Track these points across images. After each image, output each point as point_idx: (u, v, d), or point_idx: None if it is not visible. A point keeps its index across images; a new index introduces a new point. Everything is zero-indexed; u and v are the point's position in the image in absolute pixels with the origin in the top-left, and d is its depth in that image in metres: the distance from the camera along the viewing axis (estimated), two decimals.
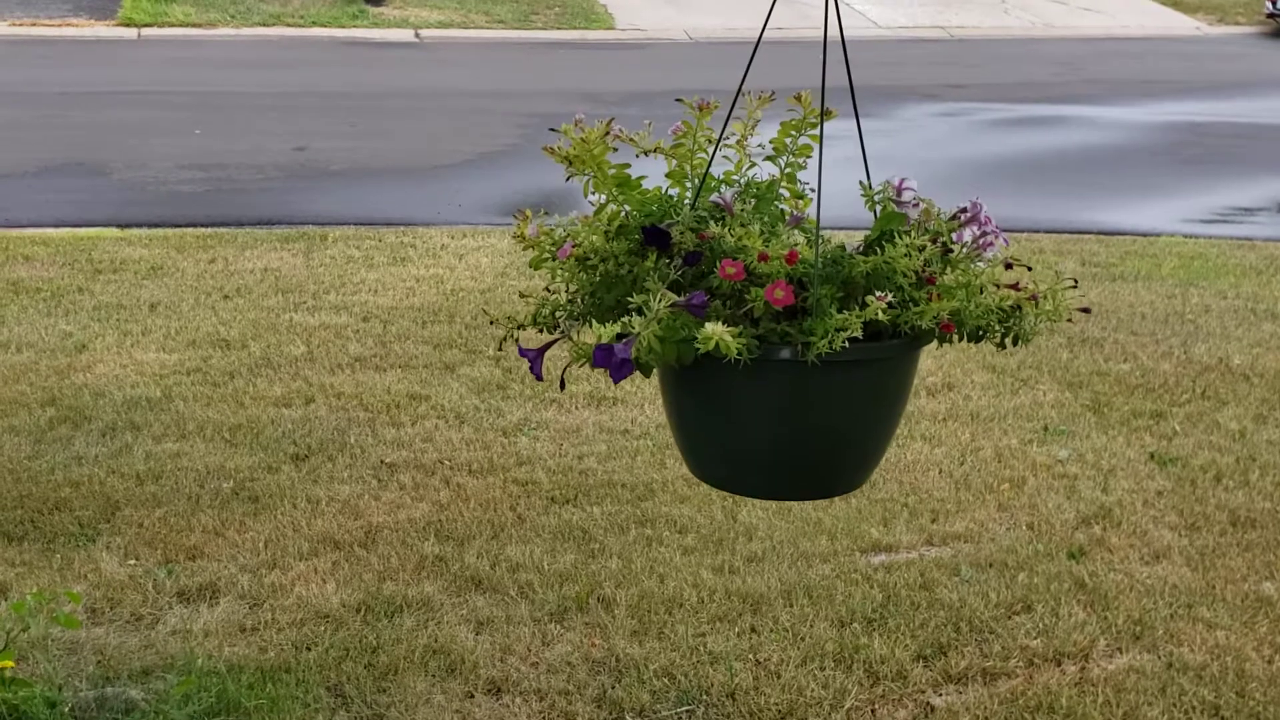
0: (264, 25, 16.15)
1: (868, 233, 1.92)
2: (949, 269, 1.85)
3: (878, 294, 1.71)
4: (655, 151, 1.96)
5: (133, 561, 3.97)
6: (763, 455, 1.81)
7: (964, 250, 1.88)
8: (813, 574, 4.01)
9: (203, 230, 8.13)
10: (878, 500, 4.58)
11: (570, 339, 1.78)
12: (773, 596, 3.86)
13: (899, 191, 1.91)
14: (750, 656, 3.57)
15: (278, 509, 4.32)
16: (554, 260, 1.87)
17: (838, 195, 2.00)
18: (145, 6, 16.13)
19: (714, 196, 1.88)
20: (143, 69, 14.11)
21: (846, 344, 1.68)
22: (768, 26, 2.09)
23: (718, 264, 1.72)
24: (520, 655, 3.56)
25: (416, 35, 16.26)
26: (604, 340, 1.65)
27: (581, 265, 1.84)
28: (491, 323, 2.03)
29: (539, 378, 1.85)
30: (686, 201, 1.87)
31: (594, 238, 1.82)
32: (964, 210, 1.91)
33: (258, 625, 3.64)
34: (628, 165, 1.91)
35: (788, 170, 2.02)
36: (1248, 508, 4.54)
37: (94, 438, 4.86)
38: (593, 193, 1.90)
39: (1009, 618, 3.82)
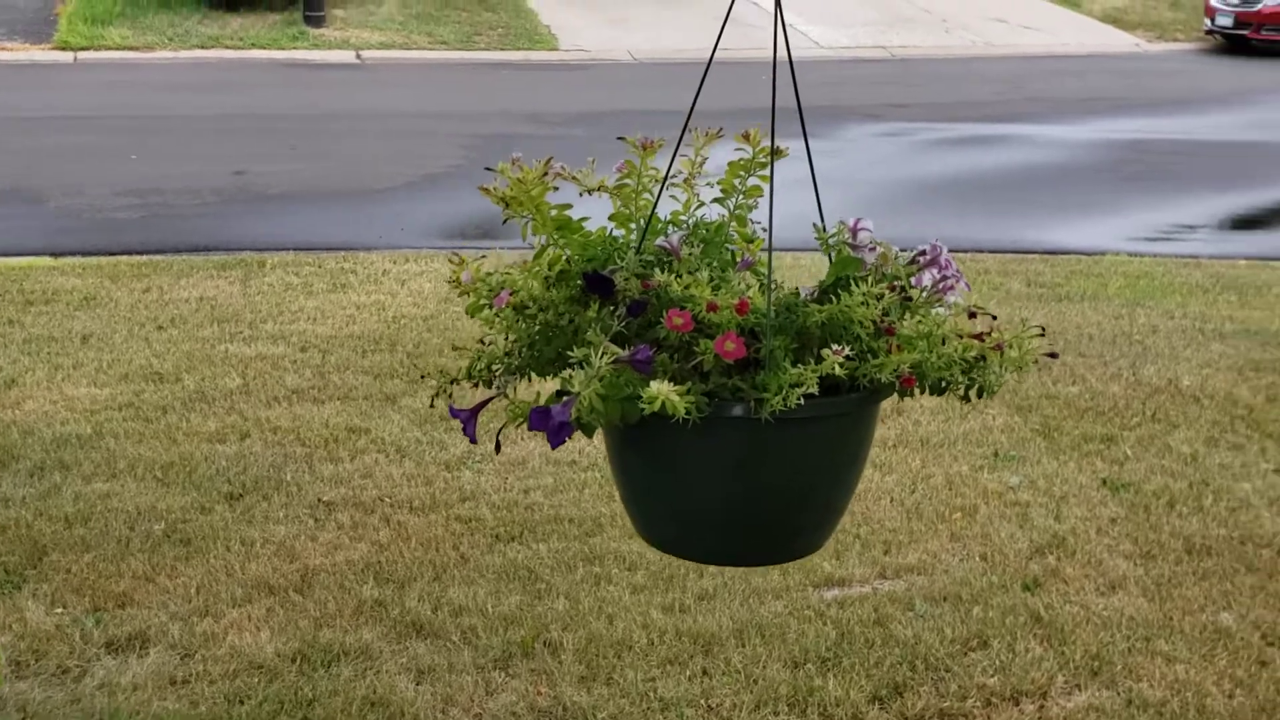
0: (202, 48, 15.95)
1: (822, 279, 1.82)
2: (909, 315, 1.76)
3: (834, 347, 1.61)
4: (599, 190, 1.86)
5: (60, 610, 3.81)
6: (714, 517, 1.71)
7: (923, 295, 1.79)
8: (765, 611, 3.91)
9: (138, 258, 7.95)
10: None
11: (506, 396, 1.68)
12: (724, 636, 3.76)
13: (854, 233, 1.82)
14: (702, 702, 3.46)
15: (210, 552, 4.17)
16: (492, 308, 1.77)
17: (788, 219, 1.90)
18: (81, 29, 15.89)
19: (660, 240, 1.77)
20: (79, 93, 13.87)
21: (802, 400, 1.58)
22: (701, 47, 1.99)
23: (664, 314, 1.62)
24: (463, 706, 3.44)
25: (358, 56, 16.11)
26: (541, 402, 1.54)
27: (519, 314, 1.73)
28: (422, 377, 1.92)
29: (473, 440, 1.74)
30: (632, 245, 1.77)
31: (533, 284, 1.72)
32: (923, 253, 1.82)
33: (189, 677, 3.49)
34: (569, 206, 1.81)
35: (737, 212, 1.92)
36: (1202, 535, 4.49)
37: (21, 478, 4.69)
38: (532, 235, 1.80)
39: (965, 654, 3.74)
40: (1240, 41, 18.54)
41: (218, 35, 16.38)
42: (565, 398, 1.54)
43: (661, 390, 1.49)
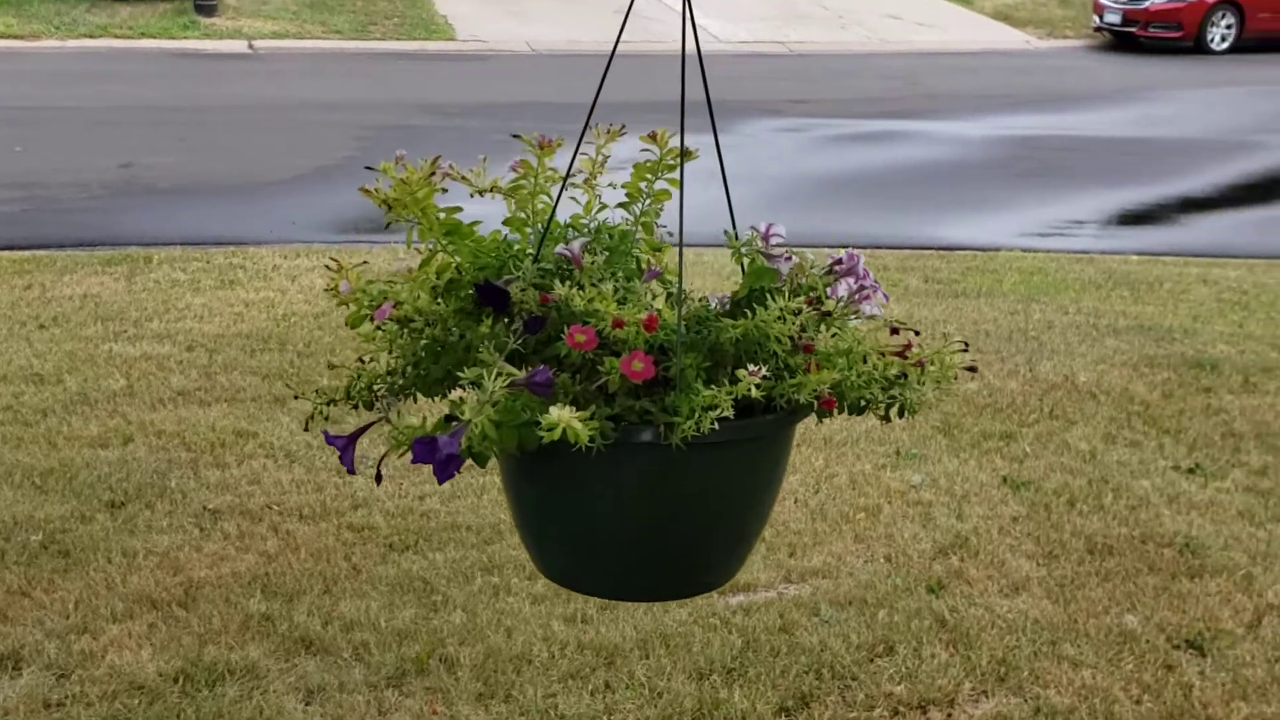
0: (90, 36, 15.51)
1: (735, 289, 1.72)
2: (825, 328, 1.66)
3: (750, 367, 1.51)
4: (492, 191, 1.74)
5: None
6: (619, 550, 1.60)
7: (840, 306, 1.70)
8: (669, 620, 3.82)
9: (20, 253, 7.66)
10: None
11: (389, 421, 1.56)
12: (628, 648, 3.66)
13: (766, 239, 1.72)
14: (605, 718, 3.36)
15: (90, 564, 3.98)
16: (373, 321, 1.65)
17: (693, 213, 1.80)
18: None
19: (560, 247, 1.66)
20: None
21: (716, 425, 1.48)
22: (613, 41, 1.88)
23: (565, 330, 1.51)
24: None
25: (250, 46, 15.77)
26: (428, 428, 1.43)
27: (404, 328, 1.61)
28: (296, 397, 1.79)
29: (350, 470, 1.62)
30: (530, 253, 1.66)
31: (419, 295, 1.60)
32: (839, 262, 1.74)
33: (64, 699, 3.31)
34: (459, 208, 1.69)
35: (643, 219, 1.82)
36: (1104, 534, 4.48)
37: None
38: (416, 241, 1.68)
39: (871, 660, 3.68)
40: (1128, 39, 18.88)
41: (106, 24, 15.94)
42: (455, 425, 1.42)
43: (562, 417, 1.39)
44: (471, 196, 1.74)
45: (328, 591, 3.92)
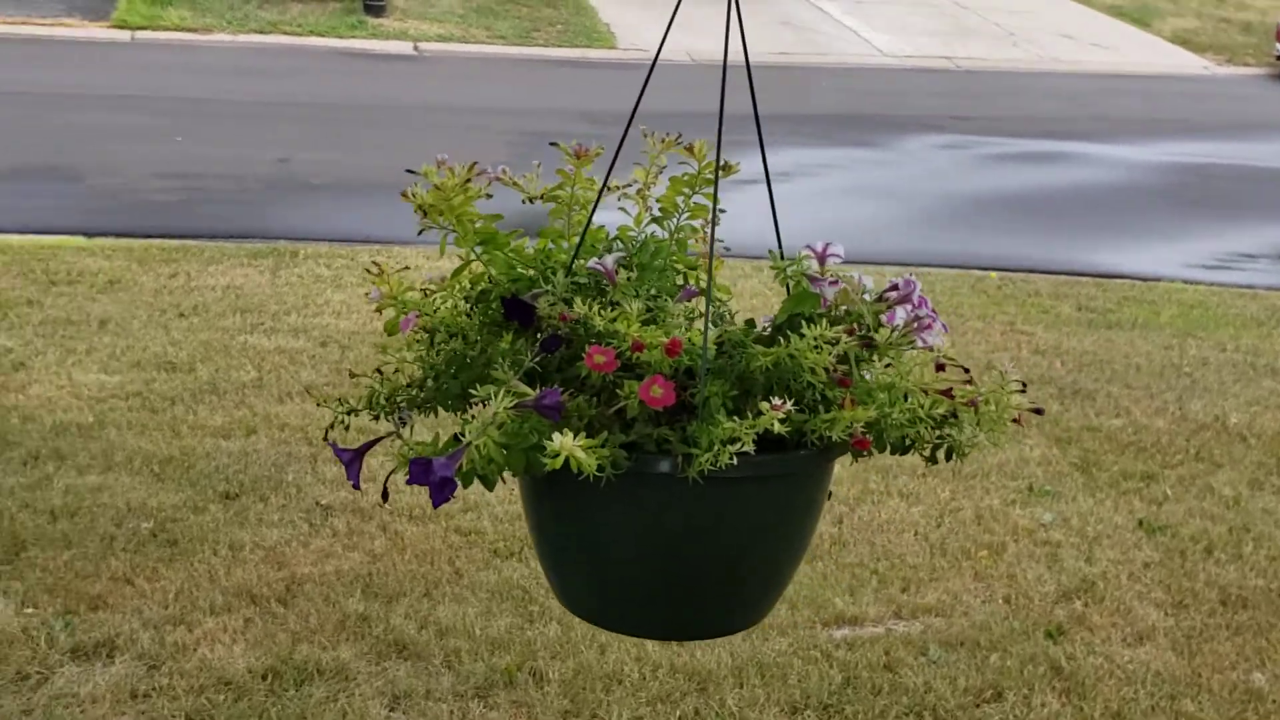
0: (260, 32, 15.88)
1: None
2: (876, 357, 1.53)
3: (775, 401, 1.39)
4: (544, 199, 1.65)
5: (30, 610, 3.66)
6: (636, 586, 1.50)
7: (893, 336, 1.57)
8: (768, 649, 3.70)
9: (169, 242, 7.83)
10: (846, 565, 4.27)
11: (399, 436, 1.48)
12: (722, 675, 3.55)
13: (821, 259, 1.61)
14: None
15: (196, 555, 4.01)
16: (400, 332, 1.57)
17: (797, 228, 1.68)
18: (140, 9, 15.87)
19: (593, 261, 1.57)
20: (132, 73, 13.83)
21: (734, 459, 1.36)
22: (760, 51, 1.78)
23: (585, 350, 1.41)
24: None
25: (415, 48, 16.00)
26: (437, 451, 1.34)
27: (431, 339, 1.54)
28: (318, 405, 1.73)
29: (356, 485, 1.55)
30: (565, 265, 1.57)
31: (447, 306, 1.52)
32: (894, 288, 1.61)
33: (151, 691, 3.32)
34: (498, 217, 1.61)
35: (678, 235, 1.71)
36: (1239, 585, 4.23)
37: (13, 467, 4.55)
38: (453, 247, 1.60)
39: (977, 706, 3.51)
40: None
41: (276, 21, 16.31)
42: (457, 446, 1.34)
43: (565, 444, 1.29)
44: (523, 204, 1.65)
45: (427, 595, 3.88)
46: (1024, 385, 1.67)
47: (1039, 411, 1.69)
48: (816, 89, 15.10)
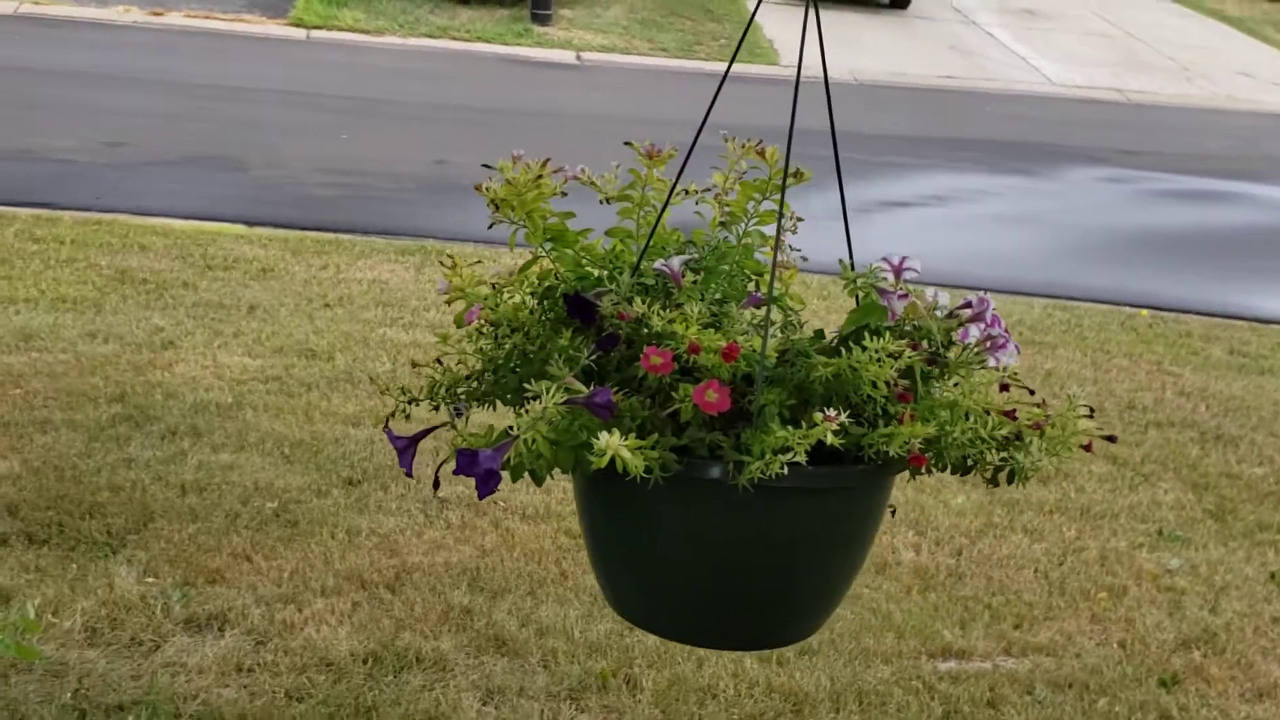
0: (430, 36, 16.21)
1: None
2: (945, 375, 1.50)
3: (828, 412, 1.37)
4: (616, 199, 1.66)
5: (150, 579, 3.79)
6: (683, 591, 1.49)
7: (964, 354, 1.53)
8: (870, 676, 3.65)
9: (323, 235, 8.04)
10: (959, 597, 4.19)
11: (454, 427, 1.50)
12: (819, 698, 3.51)
13: (897, 273, 1.58)
14: None
15: (313, 537, 4.11)
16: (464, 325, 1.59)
17: (946, 256, 1.65)
18: (317, 8, 16.33)
19: (659, 263, 1.57)
20: (305, 70, 14.23)
21: (785, 469, 1.35)
22: (941, 74, 1.77)
23: (643, 351, 1.41)
24: None
25: (578, 57, 16.18)
26: (490, 443, 1.36)
27: (494, 332, 1.55)
28: (382, 392, 1.76)
29: (408, 473, 1.57)
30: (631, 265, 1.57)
31: (513, 300, 1.54)
32: (967, 304, 1.58)
33: (255, 666, 3.41)
34: (570, 214, 1.62)
35: (745, 241, 1.70)
36: None
37: (151, 440, 4.72)
38: (522, 244, 1.62)
39: None
40: None
41: (446, 25, 16.64)
42: (505, 439, 1.35)
43: (611, 443, 1.29)
44: (601, 203, 1.66)
45: (531, 593, 3.92)
46: (1091, 410, 1.62)
47: (1112, 439, 1.64)
48: (979, 114, 14.88)
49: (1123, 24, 21.60)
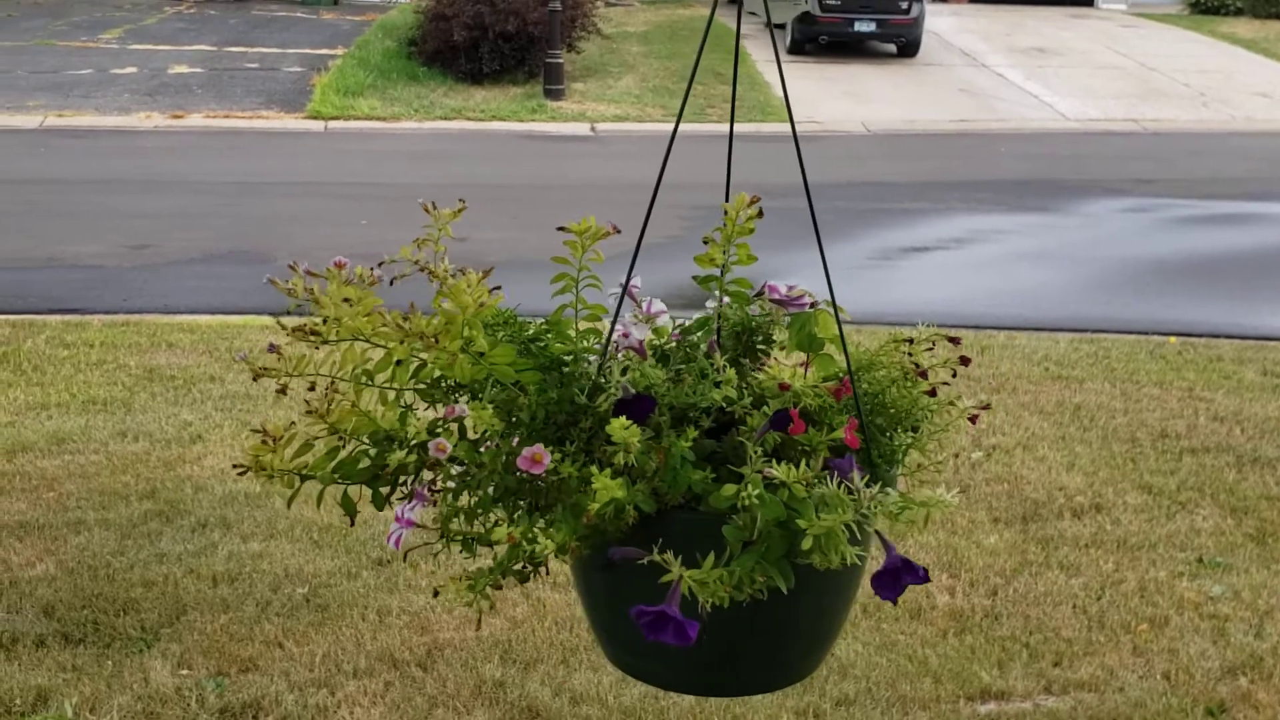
0: (445, 119, 16.43)
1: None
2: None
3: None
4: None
5: (185, 671, 3.80)
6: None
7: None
8: None
9: None
10: (996, 638, 4.15)
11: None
12: None
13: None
14: None
15: (344, 619, 4.11)
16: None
17: (968, 296, 1.67)
18: (333, 100, 16.58)
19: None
20: (322, 160, 14.44)
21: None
22: (954, 119, 1.79)
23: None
24: None
25: (592, 129, 16.34)
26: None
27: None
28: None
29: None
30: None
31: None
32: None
33: None
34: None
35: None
36: None
37: (183, 534, 4.75)
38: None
39: None
40: None
41: (460, 107, 16.86)
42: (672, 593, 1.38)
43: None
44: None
45: (564, 662, 3.90)
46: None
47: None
48: (994, 155, 14.90)
49: (1134, 55, 21.64)
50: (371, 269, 1.63)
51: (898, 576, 1.45)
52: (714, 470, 1.53)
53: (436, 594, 1.70)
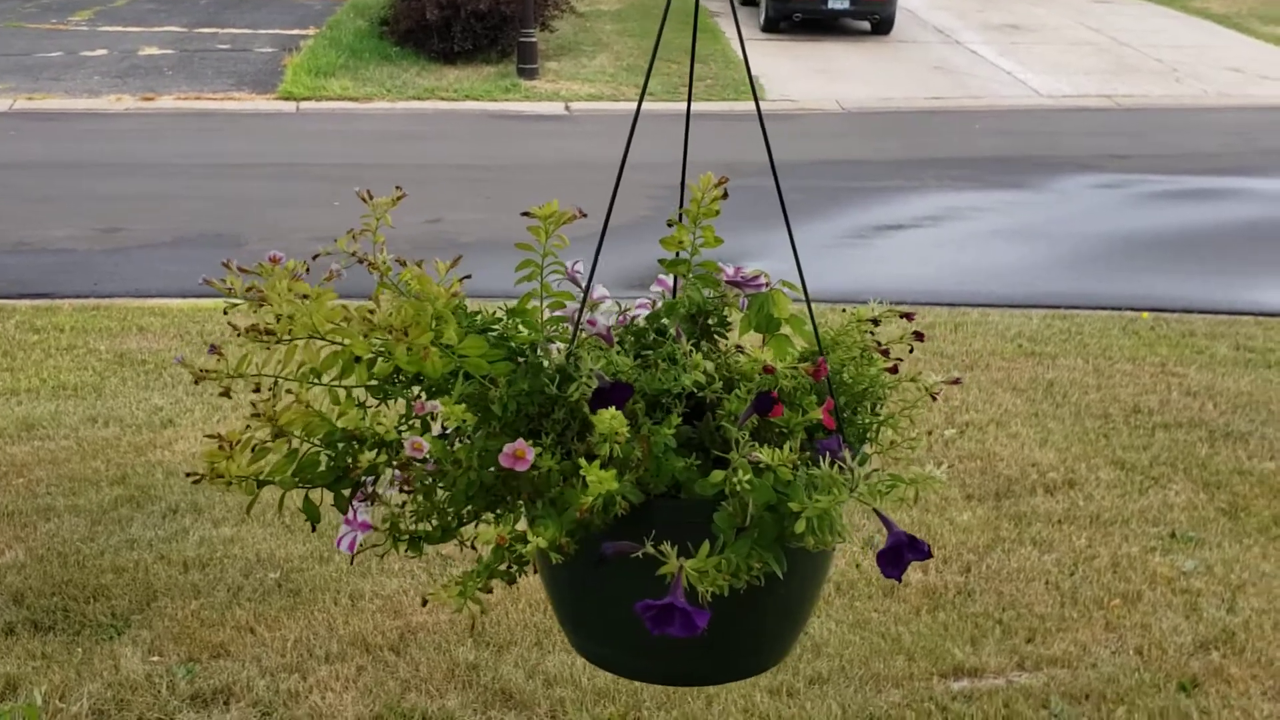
0: (418, 99, 16.31)
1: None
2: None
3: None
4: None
5: (155, 658, 3.78)
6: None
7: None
8: (880, 701, 3.61)
9: None
10: (969, 615, 4.15)
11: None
12: None
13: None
14: None
15: (316, 604, 4.10)
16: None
17: (941, 274, 1.67)
18: (304, 80, 16.45)
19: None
20: (295, 141, 14.33)
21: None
22: (928, 96, 1.77)
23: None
24: None
25: (566, 108, 16.26)
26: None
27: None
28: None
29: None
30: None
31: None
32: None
33: None
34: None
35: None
36: None
37: (153, 520, 4.72)
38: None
39: None
40: None
41: (433, 87, 16.75)
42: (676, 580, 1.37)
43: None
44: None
45: (538, 644, 3.89)
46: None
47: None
48: (969, 132, 14.90)
49: (1108, 30, 21.66)
50: (305, 262, 1.59)
51: (900, 554, 1.44)
52: (693, 457, 1.52)
53: (425, 603, 1.69)
